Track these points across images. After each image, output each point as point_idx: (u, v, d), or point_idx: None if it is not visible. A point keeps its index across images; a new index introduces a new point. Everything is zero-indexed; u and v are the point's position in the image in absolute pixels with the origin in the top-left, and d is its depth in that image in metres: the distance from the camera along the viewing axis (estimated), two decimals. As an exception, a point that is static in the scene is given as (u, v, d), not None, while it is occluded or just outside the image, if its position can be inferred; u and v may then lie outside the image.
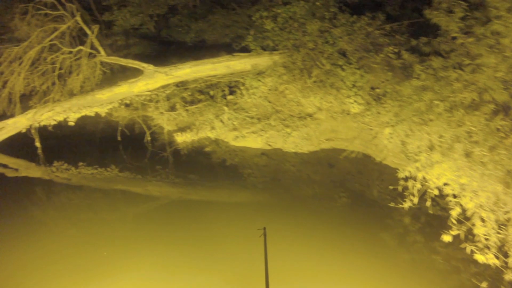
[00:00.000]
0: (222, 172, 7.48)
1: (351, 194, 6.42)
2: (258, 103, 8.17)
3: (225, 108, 8.12)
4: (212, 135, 7.98)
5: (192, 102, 8.83)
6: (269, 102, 8.17)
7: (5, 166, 8.91)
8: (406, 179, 5.03)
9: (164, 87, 8.04)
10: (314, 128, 7.77)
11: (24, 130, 8.93)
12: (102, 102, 8.23)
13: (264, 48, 8.28)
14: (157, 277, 4.41)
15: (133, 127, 9.35)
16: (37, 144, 8.83)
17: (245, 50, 8.60)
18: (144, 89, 7.91)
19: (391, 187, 5.31)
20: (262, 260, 2.95)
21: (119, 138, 8.54)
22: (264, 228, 3.19)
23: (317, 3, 7.96)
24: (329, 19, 7.81)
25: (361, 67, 7.41)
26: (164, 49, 10.43)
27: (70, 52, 8.69)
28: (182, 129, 8.42)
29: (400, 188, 5.02)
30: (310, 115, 7.86)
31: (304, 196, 6.56)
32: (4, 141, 9.10)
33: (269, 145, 7.76)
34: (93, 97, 8.23)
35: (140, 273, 4.48)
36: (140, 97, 8.07)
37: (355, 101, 7.38)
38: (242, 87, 8.30)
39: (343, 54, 7.66)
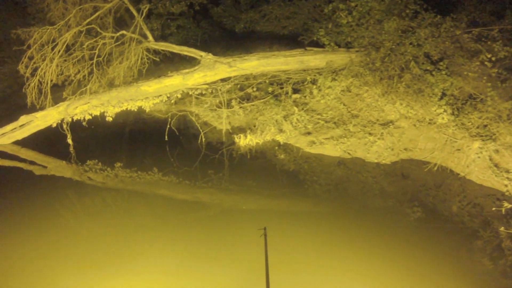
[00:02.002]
0: (284, 180, 6.51)
1: (423, 208, 5.56)
2: (332, 105, 7.18)
3: (295, 108, 7.09)
4: (281, 138, 6.91)
5: (247, 99, 7.79)
6: (344, 105, 7.19)
7: (32, 162, 7.75)
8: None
9: (224, 80, 6.94)
10: (397, 137, 6.83)
11: (54, 125, 7.72)
12: (147, 95, 7.07)
13: (338, 44, 7.32)
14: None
15: (182, 125, 8.26)
16: (69, 140, 7.63)
17: (311, 44, 7.65)
18: (201, 82, 6.80)
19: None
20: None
21: (166, 137, 7.38)
22: (265, 228, 3.13)
23: (396, -1, 7.10)
24: (410, 18, 6.95)
25: (451, 74, 6.56)
26: (206, 39, 9.36)
27: (111, 37, 7.52)
28: (240, 130, 7.37)
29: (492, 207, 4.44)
30: (392, 123, 6.92)
31: (369, 207, 5.75)
32: (33, 136, 7.98)
33: (349, 153, 6.76)
34: (138, 89, 7.06)
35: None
36: (194, 91, 6.93)
37: (444, 111, 6.49)
38: (312, 86, 7.31)
39: (429, 58, 6.81)
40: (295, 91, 7.54)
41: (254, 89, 7.39)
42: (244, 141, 6.85)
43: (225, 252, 4.57)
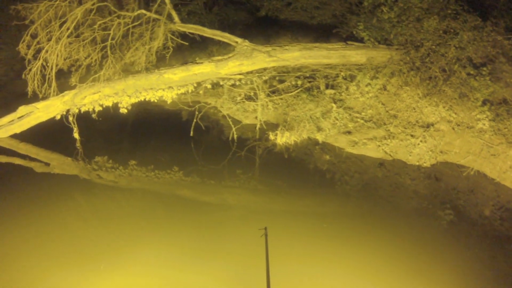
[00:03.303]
0: (317, 180, 6.16)
1: (454, 211, 5.44)
2: (370, 104, 6.81)
3: (333, 105, 6.64)
4: (320, 137, 6.44)
5: (272, 92, 7.23)
6: (382, 104, 6.85)
7: (33, 159, 6.81)
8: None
9: (261, 71, 6.33)
10: (438, 140, 6.61)
11: (58, 117, 6.72)
12: (171, 84, 6.30)
13: (378, 40, 6.96)
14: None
15: (207, 120, 7.56)
16: (75, 135, 6.70)
17: (344, 38, 7.24)
18: (236, 71, 6.15)
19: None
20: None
21: (191, 133, 6.65)
22: (266, 228, 3.07)
23: (438, -3, 6.87)
24: (452, 18, 6.75)
25: (495, 80, 6.44)
26: (225, 27, 8.66)
27: (127, 17, 6.62)
28: (267, 125, 6.81)
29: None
30: (432, 125, 6.68)
31: (398, 209, 5.59)
32: (34, 130, 6.97)
33: (390, 155, 6.43)
34: (160, 77, 6.27)
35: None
36: (226, 81, 6.25)
37: (486, 117, 6.35)
38: (349, 83, 6.90)
39: (471, 61, 6.64)
40: (327, 86, 7.11)
41: (292, 82, 6.83)
42: (281, 139, 6.30)
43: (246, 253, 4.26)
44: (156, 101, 6.42)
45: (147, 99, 6.39)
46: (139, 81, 6.27)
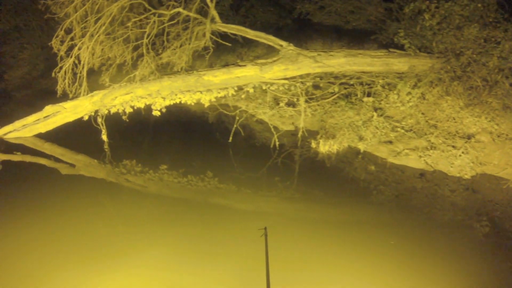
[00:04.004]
0: (354, 189, 5.97)
1: (490, 224, 5.24)
2: (409, 113, 6.69)
3: (374, 114, 6.49)
4: (362, 146, 6.29)
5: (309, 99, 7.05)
6: (422, 114, 6.73)
7: (58, 160, 6.53)
8: None
9: (303, 77, 6.14)
10: (479, 152, 6.52)
11: (86, 118, 6.44)
12: (211, 87, 6.07)
13: (418, 48, 6.84)
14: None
15: (227, 123, 7.34)
16: (104, 137, 6.44)
17: (382, 45, 7.11)
18: (280, 76, 5.95)
19: None
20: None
21: (230, 139, 6.42)
22: (265, 228, 3.06)
23: (479, 5, 6.78)
24: (493, 27, 6.66)
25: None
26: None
27: (159, 16, 6.36)
28: (310, 133, 6.63)
29: None
30: (472, 136, 6.58)
31: (432, 219, 5.35)
32: (60, 130, 6.69)
33: (431, 166, 6.31)
34: (199, 79, 6.04)
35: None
36: (269, 85, 6.04)
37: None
38: (388, 91, 6.76)
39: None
40: (365, 94, 6.96)
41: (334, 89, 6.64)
42: (324, 147, 6.12)
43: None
44: (192, 104, 6.18)
45: (182, 102, 6.15)
46: (175, 83, 6.02)
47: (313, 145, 6.34)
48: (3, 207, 5.23)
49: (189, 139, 7.46)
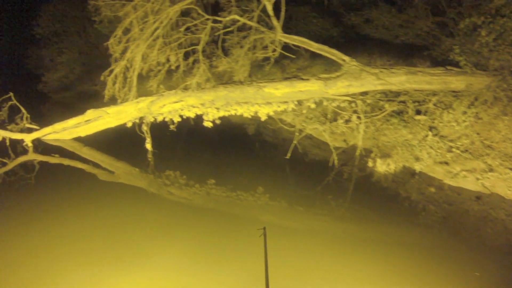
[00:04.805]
0: (406, 210, 5.81)
1: None
2: (464, 133, 6.54)
3: (429, 133, 6.33)
4: (418, 167, 6.13)
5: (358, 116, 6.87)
6: (477, 134, 6.59)
7: (97, 165, 6.33)
8: None
9: (364, 93, 5.96)
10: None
11: (130, 124, 6.20)
12: (271, 100, 5.86)
13: (474, 65, 6.70)
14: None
15: (271, 136, 7.13)
16: (148, 145, 6.22)
17: (435, 61, 6.96)
18: (343, 92, 5.80)
19: None
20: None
21: (288, 155, 6.20)
22: (264, 228, 3.03)
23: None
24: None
25: None
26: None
27: (214, 22, 6.12)
28: (354, 149, 6.46)
29: None
30: (530, 157, 6.46)
31: (483, 243, 5.18)
32: (103, 135, 6.44)
33: (488, 188, 6.16)
34: (259, 91, 5.83)
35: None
36: (331, 101, 5.84)
37: None
38: (444, 110, 6.61)
39: None
40: (418, 112, 6.81)
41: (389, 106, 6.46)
42: (382, 167, 5.95)
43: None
44: (250, 116, 5.97)
45: (237, 114, 5.92)
46: (232, 93, 5.80)
47: (370, 164, 6.17)
48: (36, 207, 5.21)
49: (235, 151, 7.24)
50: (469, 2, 6.80)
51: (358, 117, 6.21)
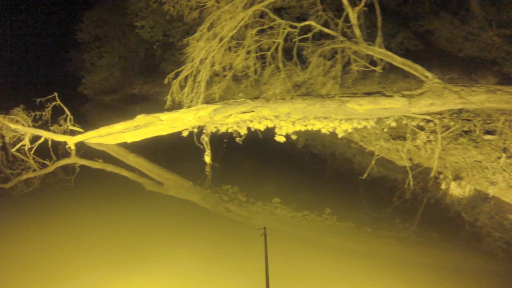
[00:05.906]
0: (474, 235, 5.50)
1: None
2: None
3: (503, 155, 6.09)
4: (492, 191, 5.88)
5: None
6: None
7: (145, 175, 5.82)
8: None
9: (442, 112, 5.65)
10: None
11: (186, 133, 5.67)
12: (352, 116, 5.42)
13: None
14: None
15: (327, 153, 6.72)
16: (207, 158, 5.69)
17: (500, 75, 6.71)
18: (424, 110, 5.50)
19: None
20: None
21: (364, 176, 5.79)
22: (265, 228, 3.05)
23: None
24: None
25: None
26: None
27: (292, 27, 5.59)
28: (417, 167, 6.15)
29: None
30: None
31: None
32: (152, 143, 5.87)
33: (560, 216, 6.01)
34: (341, 106, 5.39)
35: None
36: (411, 120, 5.48)
37: None
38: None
39: None
40: (487, 132, 6.58)
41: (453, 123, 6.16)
42: (456, 190, 5.66)
43: None
44: (328, 133, 5.51)
45: (314, 129, 5.46)
46: (312, 106, 5.33)
47: (443, 186, 5.88)
48: (72, 211, 5.07)
49: (300, 168, 6.75)
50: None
51: (429, 137, 5.91)
